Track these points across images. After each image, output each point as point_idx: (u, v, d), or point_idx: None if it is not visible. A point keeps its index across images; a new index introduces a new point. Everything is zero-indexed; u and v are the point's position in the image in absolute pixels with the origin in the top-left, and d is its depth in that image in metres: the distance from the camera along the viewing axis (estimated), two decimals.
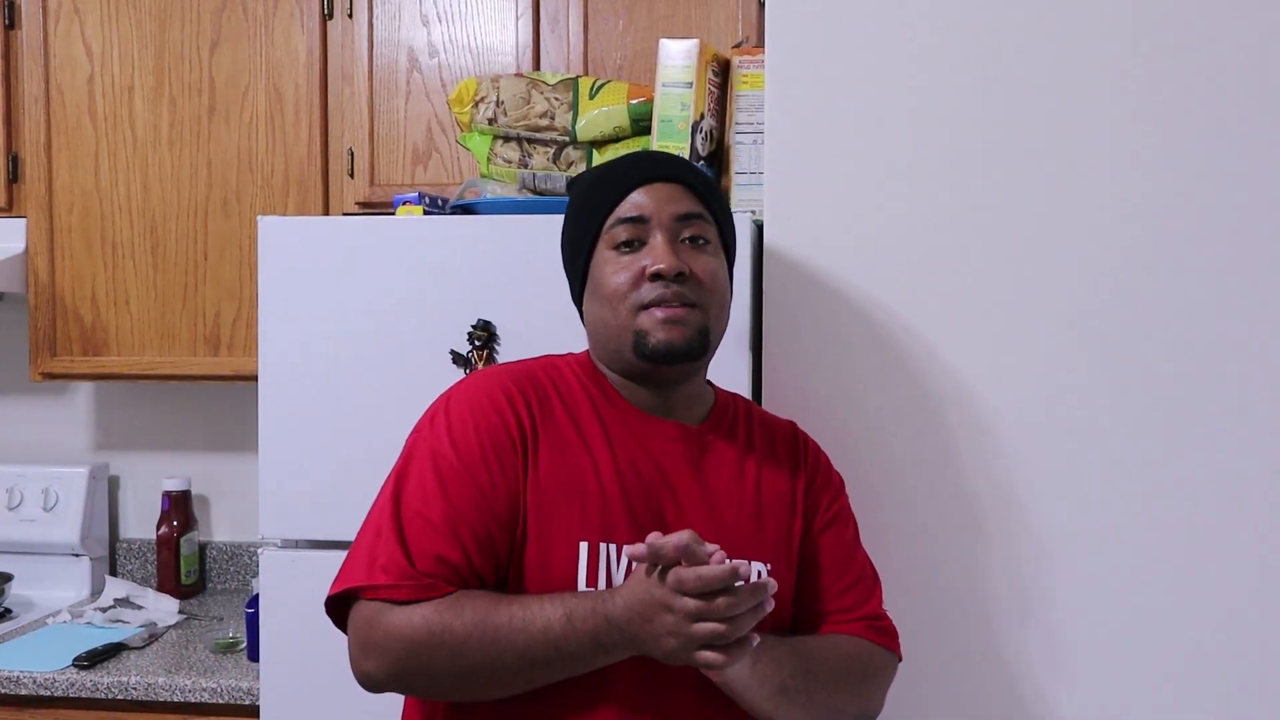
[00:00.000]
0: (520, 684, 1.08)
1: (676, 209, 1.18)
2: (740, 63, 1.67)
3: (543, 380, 1.21)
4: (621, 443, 1.18)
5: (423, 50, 2.09)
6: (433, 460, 1.14)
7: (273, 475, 1.63)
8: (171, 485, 2.39)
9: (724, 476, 1.21)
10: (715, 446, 1.22)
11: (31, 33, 2.19)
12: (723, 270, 1.22)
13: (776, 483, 1.24)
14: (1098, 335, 1.49)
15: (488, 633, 1.05)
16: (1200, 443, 1.47)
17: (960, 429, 1.51)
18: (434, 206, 1.73)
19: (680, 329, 1.15)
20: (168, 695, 1.88)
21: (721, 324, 1.22)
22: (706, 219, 1.21)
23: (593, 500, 1.14)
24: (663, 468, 1.18)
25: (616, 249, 1.18)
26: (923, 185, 1.51)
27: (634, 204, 1.18)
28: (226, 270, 2.16)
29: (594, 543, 1.13)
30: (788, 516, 1.23)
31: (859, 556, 1.29)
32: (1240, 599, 1.47)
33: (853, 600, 1.24)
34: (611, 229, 1.19)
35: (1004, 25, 1.50)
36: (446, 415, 1.17)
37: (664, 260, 1.15)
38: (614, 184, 1.21)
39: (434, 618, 1.06)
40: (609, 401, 1.21)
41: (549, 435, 1.16)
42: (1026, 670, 1.51)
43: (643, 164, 1.23)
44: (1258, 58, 1.45)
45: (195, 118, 2.16)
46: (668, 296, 1.15)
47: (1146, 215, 1.48)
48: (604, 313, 1.19)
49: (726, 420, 1.26)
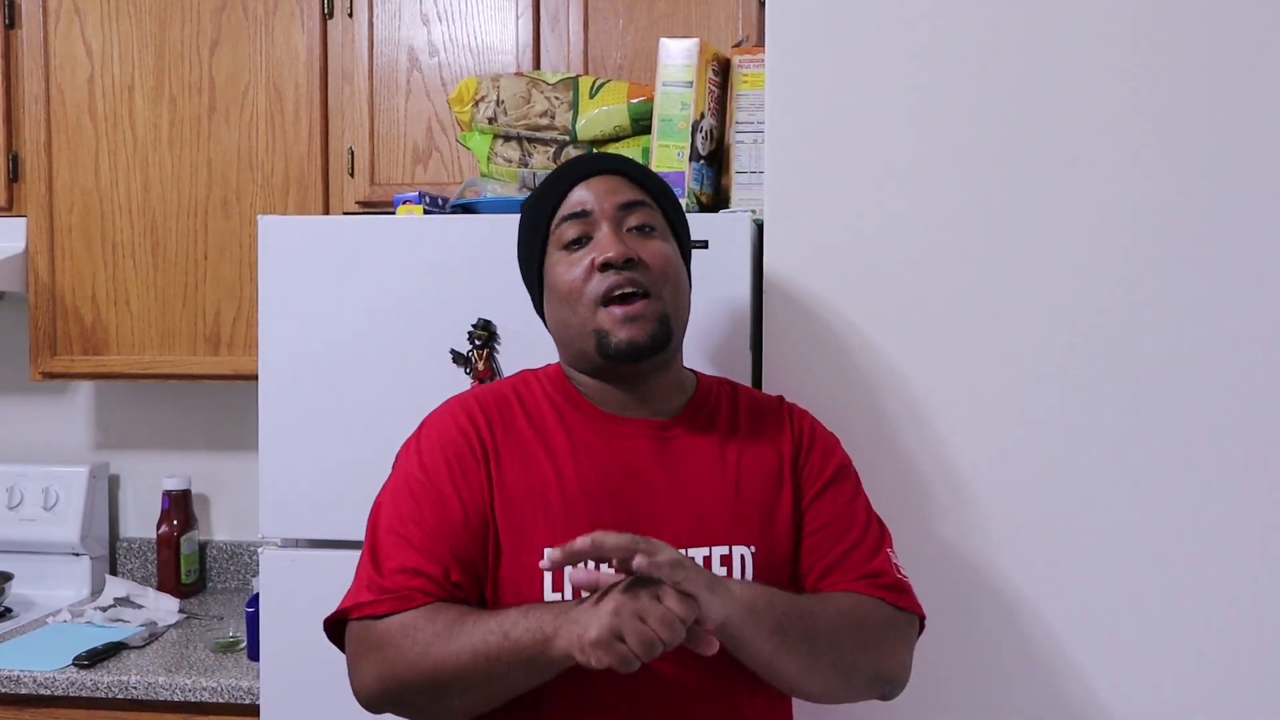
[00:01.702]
0: (480, 687, 1.07)
1: (618, 199, 1.20)
2: (740, 62, 1.67)
3: (509, 397, 1.23)
4: (587, 449, 1.18)
5: (423, 49, 2.09)
6: (405, 483, 1.18)
7: (273, 474, 1.63)
8: (171, 484, 2.39)
9: (700, 466, 1.20)
10: (690, 436, 1.22)
11: (31, 32, 2.19)
12: (675, 254, 1.22)
13: (761, 459, 1.23)
14: (1097, 334, 1.48)
15: (454, 631, 1.07)
16: (1201, 441, 1.47)
17: (960, 428, 1.51)
18: (434, 206, 1.73)
19: (640, 325, 1.16)
20: (168, 695, 1.89)
21: (681, 308, 1.22)
22: (650, 205, 1.22)
23: (556, 511, 1.15)
24: (632, 468, 1.18)
25: (566, 248, 1.20)
26: (923, 185, 1.51)
27: (576, 200, 1.20)
28: (226, 270, 2.16)
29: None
30: (775, 490, 1.22)
31: (860, 516, 1.24)
32: (1243, 597, 1.47)
33: (853, 559, 1.21)
34: (557, 228, 1.21)
35: (1004, 24, 1.50)
36: (418, 441, 1.21)
37: (611, 249, 1.16)
38: (554, 186, 1.23)
39: (409, 622, 1.09)
40: (576, 409, 1.22)
41: (512, 450, 1.18)
42: (1026, 665, 1.51)
43: (579, 164, 1.25)
44: (1259, 58, 1.45)
45: (195, 117, 2.16)
46: (621, 284, 1.15)
47: (1147, 214, 1.47)
48: (564, 314, 1.20)
49: (706, 408, 1.26)
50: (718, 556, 1.17)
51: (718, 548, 1.17)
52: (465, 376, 1.57)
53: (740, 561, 1.17)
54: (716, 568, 1.16)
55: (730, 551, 1.17)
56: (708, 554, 1.16)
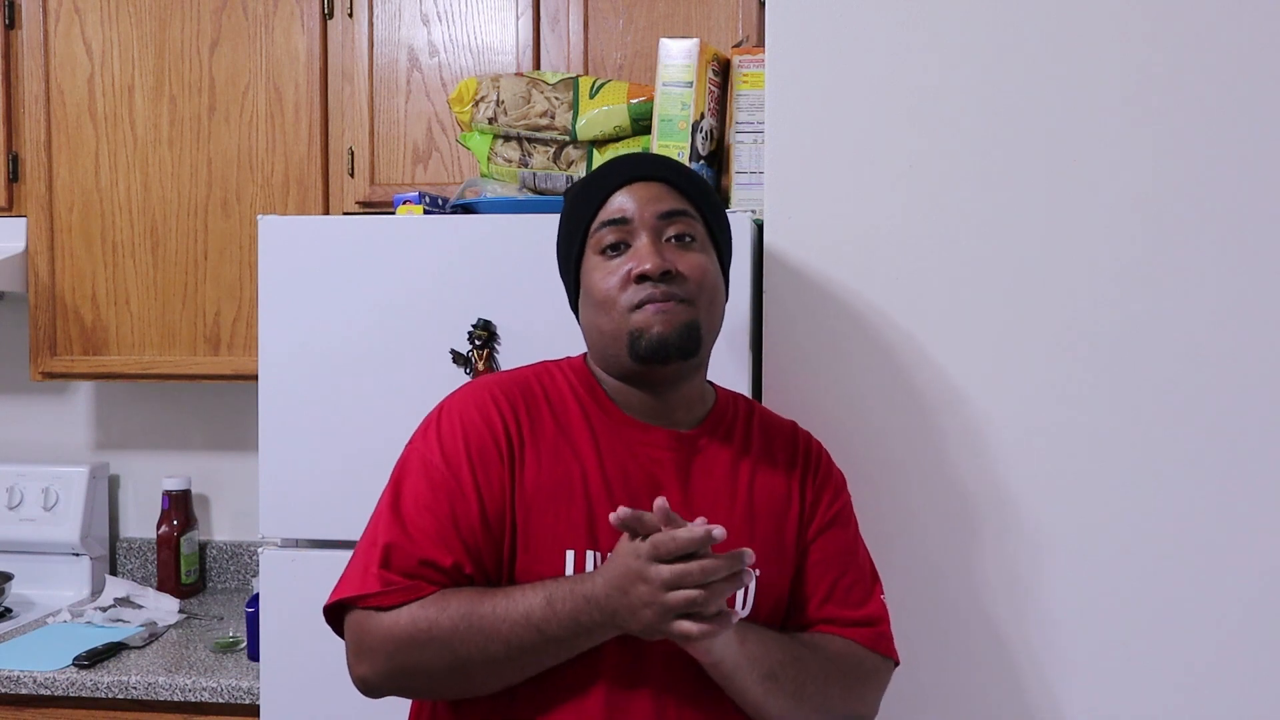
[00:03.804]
0: (511, 673, 1.09)
1: (659, 207, 1.18)
2: (740, 62, 1.67)
3: (534, 388, 1.22)
4: (611, 450, 1.18)
5: (423, 49, 2.09)
6: (424, 469, 1.16)
7: (273, 474, 1.63)
8: (171, 484, 2.39)
9: (716, 481, 1.21)
10: (708, 451, 1.22)
11: (31, 32, 2.19)
12: (713, 266, 1.21)
13: (772, 484, 1.24)
14: (1097, 335, 1.48)
15: (473, 624, 1.07)
16: (1198, 441, 1.47)
17: (959, 428, 1.51)
18: (434, 206, 1.73)
19: (670, 319, 1.15)
20: (168, 695, 1.89)
21: (714, 320, 1.22)
22: (692, 215, 1.20)
23: (579, 508, 1.15)
24: (653, 475, 1.18)
25: (603, 253, 1.19)
26: (923, 185, 1.51)
27: (617, 206, 1.19)
28: (226, 270, 2.16)
29: (580, 550, 1.13)
30: (782, 517, 1.23)
31: (858, 558, 1.28)
32: (1239, 600, 1.47)
33: (848, 602, 1.24)
34: (597, 233, 1.19)
35: (1004, 25, 1.50)
36: (438, 426, 1.19)
37: (649, 260, 1.15)
38: (597, 188, 1.21)
39: (420, 614, 1.08)
40: (601, 408, 1.21)
41: (537, 443, 1.17)
42: (1023, 669, 1.51)
43: (623, 166, 1.23)
44: (1260, 58, 1.45)
45: (195, 117, 2.16)
46: (656, 296, 1.15)
47: (1147, 215, 1.47)
48: (598, 319, 1.19)
49: (725, 423, 1.26)
50: None
51: (713, 525, 1.16)
52: (465, 376, 1.57)
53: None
54: None
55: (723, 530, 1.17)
56: None
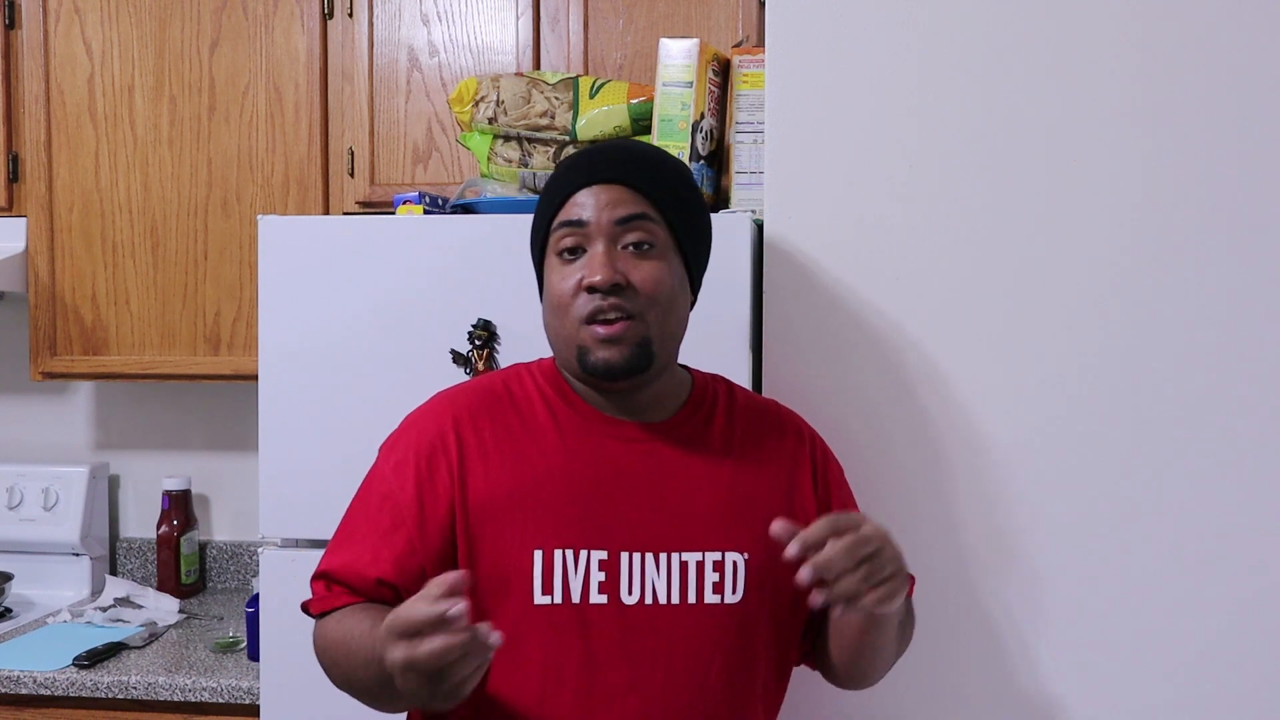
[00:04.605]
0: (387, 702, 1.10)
1: (616, 213, 1.14)
2: (740, 62, 1.67)
3: (500, 392, 1.22)
4: (577, 447, 1.18)
5: (423, 49, 2.09)
6: (371, 482, 1.21)
7: (273, 474, 1.63)
8: (171, 484, 2.39)
9: (694, 470, 1.19)
10: (684, 439, 1.21)
11: (31, 32, 2.19)
12: (670, 274, 1.16)
13: (761, 469, 1.22)
14: (1096, 333, 1.48)
15: (349, 645, 1.09)
16: (1198, 440, 1.47)
17: (959, 427, 1.51)
18: (434, 206, 1.73)
19: (618, 348, 1.13)
20: (168, 695, 1.89)
21: (669, 329, 1.18)
22: (651, 218, 1.16)
23: (544, 507, 1.15)
24: (622, 468, 1.17)
25: (560, 255, 1.17)
26: (923, 185, 1.51)
27: (575, 207, 1.16)
28: (226, 270, 2.16)
29: (548, 549, 1.13)
30: (779, 506, 1.20)
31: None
32: (1242, 601, 1.47)
33: None
34: (555, 232, 1.17)
35: (1004, 25, 1.50)
36: (395, 440, 1.22)
37: (599, 273, 1.12)
38: (559, 185, 1.19)
39: (328, 628, 1.14)
40: (569, 405, 1.20)
41: (499, 447, 1.17)
42: (1025, 667, 1.51)
43: (586, 164, 1.19)
44: (1260, 58, 1.45)
45: (195, 117, 2.16)
46: (604, 308, 1.13)
47: (1147, 215, 1.47)
48: (553, 321, 1.18)
49: (704, 409, 1.24)
50: (710, 562, 1.16)
51: (710, 553, 1.16)
52: (465, 376, 1.57)
53: (732, 568, 1.16)
54: (708, 573, 1.16)
55: (723, 557, 1.16)
56: (700, 558, 1.16)
